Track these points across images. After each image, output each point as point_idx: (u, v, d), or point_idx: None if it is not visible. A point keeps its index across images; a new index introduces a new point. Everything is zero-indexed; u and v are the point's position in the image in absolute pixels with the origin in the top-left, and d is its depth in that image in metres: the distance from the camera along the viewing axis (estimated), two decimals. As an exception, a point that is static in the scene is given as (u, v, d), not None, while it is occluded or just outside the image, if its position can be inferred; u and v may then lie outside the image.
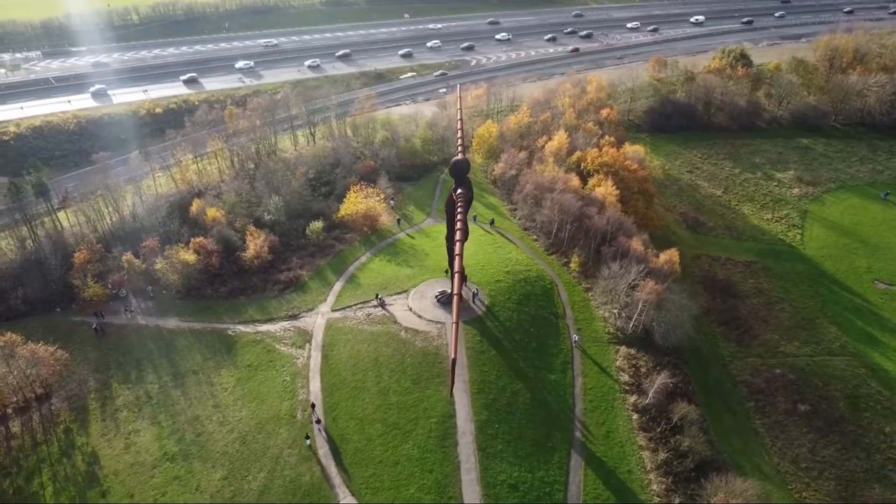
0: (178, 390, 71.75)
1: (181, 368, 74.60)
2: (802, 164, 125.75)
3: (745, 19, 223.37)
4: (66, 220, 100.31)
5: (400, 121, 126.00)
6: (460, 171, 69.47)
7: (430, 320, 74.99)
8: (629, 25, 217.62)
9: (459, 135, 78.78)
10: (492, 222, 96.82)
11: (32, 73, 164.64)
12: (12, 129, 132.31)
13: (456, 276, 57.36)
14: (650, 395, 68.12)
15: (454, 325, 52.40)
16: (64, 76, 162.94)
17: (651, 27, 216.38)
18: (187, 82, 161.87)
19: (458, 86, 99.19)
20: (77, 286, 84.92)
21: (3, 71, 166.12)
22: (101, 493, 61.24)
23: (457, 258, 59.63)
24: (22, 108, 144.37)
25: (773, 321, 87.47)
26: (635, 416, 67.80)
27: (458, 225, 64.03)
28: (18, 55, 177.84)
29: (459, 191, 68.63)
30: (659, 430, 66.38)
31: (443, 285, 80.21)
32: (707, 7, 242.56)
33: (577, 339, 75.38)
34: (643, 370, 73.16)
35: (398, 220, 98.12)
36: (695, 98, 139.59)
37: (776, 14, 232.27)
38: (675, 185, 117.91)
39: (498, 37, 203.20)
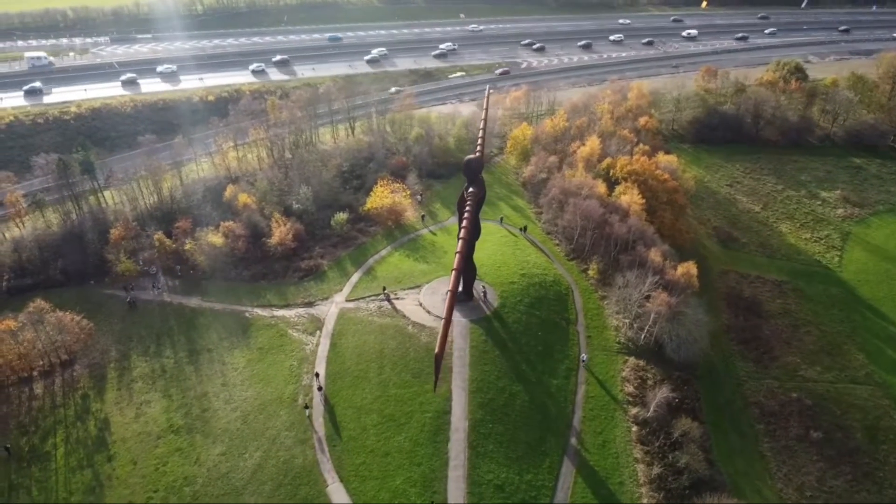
0: (191, 366, 74.56)
1: (197, 346, 77.45)
2: (851, 185, 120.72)
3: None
4: (111, 198, 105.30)
5: (438, 119, 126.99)
6: (472, 170, 69.82)
7: (437, 316, 75.43)
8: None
9: (481, 134, 79.17)
10: (524, 229, 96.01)
11: (98, 58, 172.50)
12: (73, 109, 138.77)
13: (453, 272, 57.77)
14: (651, 408, 66.98)
15: (444, 321, 52.89)
16: (127, 61, 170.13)
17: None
18: (256, 72, 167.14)
19: (489, 86, 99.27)
20: (111, 261, 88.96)
21: (72, 54, 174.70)
22: (108, 457, 64.29)
23: (457, 255, 59.99)
24: (86, 90, 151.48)
25: (796, 344, 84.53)
26: (635, 429, 66.87)
27: (464, 223, 64.41)
28: (88, 40, 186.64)
29: (471, 189, 69.02)
30: (657, 444, 65.30)
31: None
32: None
33: (585, 358, 73.90)
34: (650, 383, 71.97)
35: (422, 217, 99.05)
36: (743, 110, 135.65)
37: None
38: (713, 198, 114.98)
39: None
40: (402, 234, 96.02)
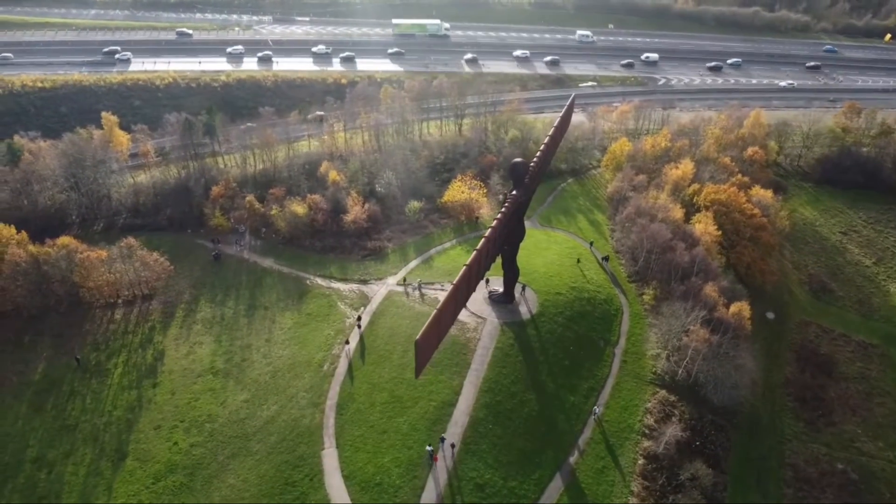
0: (245, 319, 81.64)
1: (257, 302, 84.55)
2: None
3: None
4: (230, 160, 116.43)
5: (543, 125, 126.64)
6: (517, 174, 70.18)
7: (472, 312, 76.67)
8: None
9: (546, 140, 79.27)
10: (606, 258, 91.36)
11: (258, 35, 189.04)
12: (223, 78, 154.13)
13: (464, 268, 58.99)
14: (662, 444, 64.17)
15: (436, 311, 54.48)
16: (281, 41, 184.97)
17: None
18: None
19: (573, 95, 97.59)
20: (207, 215, 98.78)
21: (237, 29, 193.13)
22: (153, 384, 72.39)
23: (474, 252, 61.05)
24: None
25: (863, 413, 76.26)
26: (641, 461, 64.53)
27: (495, 223, 65.13)
28: (254, 18, 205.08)
29: (514, 192, 69.48)
30: (661, 482, 62.60)
31: (502, 283, 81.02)
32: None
33: (598, 411, 69.05)
34: (674, 419, 68.70)
35: (476, 219, 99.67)
36: (885, 154, 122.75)
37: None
38: (819, 243, 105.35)
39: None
40: (470, 231, 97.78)
